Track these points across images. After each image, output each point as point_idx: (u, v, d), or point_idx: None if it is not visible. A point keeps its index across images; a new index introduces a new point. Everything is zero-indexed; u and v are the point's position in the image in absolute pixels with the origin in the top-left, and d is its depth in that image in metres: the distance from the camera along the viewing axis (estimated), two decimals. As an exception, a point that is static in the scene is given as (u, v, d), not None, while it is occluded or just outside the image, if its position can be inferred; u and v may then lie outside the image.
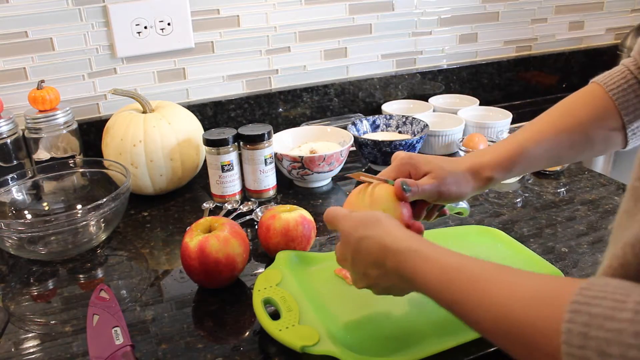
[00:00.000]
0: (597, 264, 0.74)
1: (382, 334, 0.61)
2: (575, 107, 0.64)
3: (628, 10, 1.53)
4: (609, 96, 0.62)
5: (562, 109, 0.65)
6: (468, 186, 0.63)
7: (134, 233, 0.89)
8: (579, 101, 0.64)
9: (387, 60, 1.33)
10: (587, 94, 0.64)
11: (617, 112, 0.61)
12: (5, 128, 0.95)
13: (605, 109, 0.62)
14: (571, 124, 0.63)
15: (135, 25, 1.07)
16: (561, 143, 0.63)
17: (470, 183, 0.63)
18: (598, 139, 0.63)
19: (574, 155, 0.65)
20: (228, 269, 0.70)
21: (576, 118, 0.63)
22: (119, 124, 0.94)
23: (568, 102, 0.65)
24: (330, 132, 1.08)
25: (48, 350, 0.63)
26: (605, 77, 0.63)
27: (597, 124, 0.62)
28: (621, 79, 0.62)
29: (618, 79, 0.62)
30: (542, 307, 0.37)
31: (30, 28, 1.02)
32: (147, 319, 0.68)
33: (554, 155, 0.64)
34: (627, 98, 0.61)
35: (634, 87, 0.61)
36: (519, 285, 0.41)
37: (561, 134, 0.63)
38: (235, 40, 1.17)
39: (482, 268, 0.45)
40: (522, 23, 1.43)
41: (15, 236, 0.76)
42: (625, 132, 0.62)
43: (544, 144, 0.63)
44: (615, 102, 0.61)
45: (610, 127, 0.62)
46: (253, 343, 0.63)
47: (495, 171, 0.63)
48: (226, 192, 0.94)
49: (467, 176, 0.63)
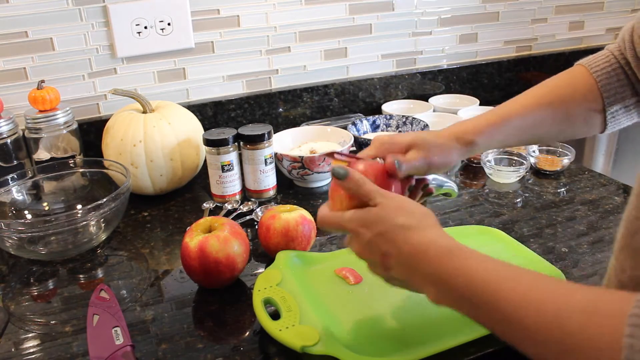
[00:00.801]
0: (597, 264, 0.75)
1: (382, 334, 0.61)
2: (559, 85, 0.66)
3: (628, 10, 1.53)
4: (592, 77, 0.64)
5: (546, 86, 0.67)
6: (453, 152, 0.64)
7: (134, 233, 0.89)
8: (563, 80, 0.67)
9: (387, 60, 1.33)
10: (571, 74, 0.66)
11: (599, 94, 0.64)
12: (6, 128, 0.95)
13: (588, 90, 0.64)
14: (553, 100, 0.65)
15: (135, 25, 1.07)
16: (543, 118, 0.65)
17: (455, 149, 0.64)
18: (579, 118, 0.65)
19: (555, 133, 0.67)
20: (228, 269, 0.70)
21: (559, 96, 0.65)
22: (119, 124, 0.94)
23: (552, 80, 0.67)
24: (330, 132, 1.08)
25: (48, 350, 0.63)
26: (590, 59, 0.66)
27: (579, 103, 0.64)
28: (605, 62, 0.64)
29: (602, 62, 0.65)
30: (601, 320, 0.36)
31: (30, 28, 1.02)
32: (147, 319, 0.68)
33: (536, 130, 0.66)
34: (609, 81, 0.64)
35: (617, 71, 0.64)
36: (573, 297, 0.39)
37: (543, 109, 0.65)
38: (235, 40, 1.17)
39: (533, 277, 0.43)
40: (522, 23, 1.43)
41: (15, 236, 0.76)
42: (605, 115, 0.65)
43: (525, 117, 0.65)
44: (598, 83, 0.64)
45: (591, 107, 0.65)
46: (253, 343, 0.63)
47: (477, 135, 0.64)
48: (226, 192, 0.94)
49: (451, 142, 0.64)
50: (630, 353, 0.33)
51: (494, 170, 1.00)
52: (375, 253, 0.53)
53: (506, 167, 1.02)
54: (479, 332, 0.59)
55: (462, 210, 0.90)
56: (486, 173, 1.02)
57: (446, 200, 0.94)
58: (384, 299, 0.66)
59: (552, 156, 1.04)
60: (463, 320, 0.61)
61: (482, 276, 0.45)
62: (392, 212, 0.52)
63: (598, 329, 0.36)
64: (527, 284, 0.42)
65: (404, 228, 0.51)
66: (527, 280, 0.43)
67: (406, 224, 0.51)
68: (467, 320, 0.61)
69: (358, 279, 0.70)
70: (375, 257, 0.53)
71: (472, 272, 0.45)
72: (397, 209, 0.52)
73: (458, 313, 0.62)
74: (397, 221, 0.51)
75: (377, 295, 0.67)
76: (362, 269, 0.71)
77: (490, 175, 1.02)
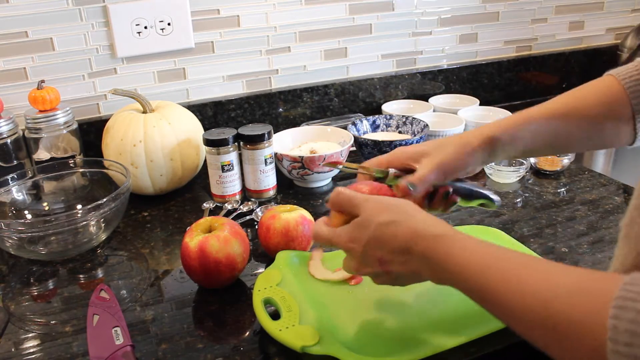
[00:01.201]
0: (597, 264, 0.75)
1: (382, 334, 0.61)
2: (587, 94, 0.64)
3: (628, 10, 1.53)
4: (621, 86, 0.62)
5: (574, 94, 0.65)
6: (470, 152, 0.61)
7: (134, 233, 0.89)
8: (591, 89, 0.64)
9: (387, 60, 1.33)
10: (600, 83, 0.64)
11: (628, 102, 0.62)
12: (6, 128, 0.95)
13: (617, 98, 0.62)
14: (581, 109, 0.63)
15: (135, 25, 1.07)
16: (569, 123, 0.63)
17: (472, 147, 0.61)
18: (607, 127, 0.63)
19: (583, 142, 0.65)
20: (228, 269, 0.70)
21: (587, 104, 0.63)
22: (119, 124, 0.94)
23: (580, 89, 0.65)
24: (330, 132, 1.08)
25: (48, 350, 0.63)
26: (620, 69, 0.64)
27: (607, 112, 0.62)
28: (635, 71, 0.62)
29: (632, 71, 0.63)
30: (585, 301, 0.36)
31: (30, 28, 1.02)
32: (147, 319, 0.68)
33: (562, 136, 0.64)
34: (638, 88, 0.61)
35: None
36: (560, 278, 0.40)
37: (570, 115, 0.63)
38: (235, 40, 1.17)
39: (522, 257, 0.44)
40: (522, 23, 1.43)
41: (15, 236, 0.76)
42: (635, 124, 0.63)
43: (550, 120, 0.63)
44: (627, 90, 0.62)
45: (619, 116, 0.62)
46: (253, 343, 0.63)
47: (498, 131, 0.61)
48: (226, 192, 0.94)
49: (467, 140, 0.61)
50: (614, 334, 0.34)
51: (494, 170, 1.00)
52: (371, 263, 0.54)
53: (506, 167, 1.02)
54: (479, 332, 0.59)
55: (462, 210, 0.90)
56: (486, 173, 1.02)
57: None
58: (384, 299, 0.66)
59: (552, 156, 1.04)
60: (463, 321, 0.61)
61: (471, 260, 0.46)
62: (373, 213, 0.53)
63: (583, 310, 0.36)
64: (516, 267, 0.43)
65: (387, 225, 0.51)
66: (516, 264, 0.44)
67: (389, 220, 0.52)
68: (467, 321, 0.61)
69: (358, 279, 0.70)
70: (374, 267, 0.54)
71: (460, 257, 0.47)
72: (376, 209, 0.53)
73: (458, 313, 0.63)
74: (379, 220, 0.52)
75: (377, 295, 0.67)
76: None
77: (490, 175, 1.02)
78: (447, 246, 0.48)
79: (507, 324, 0.43)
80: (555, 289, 0.39)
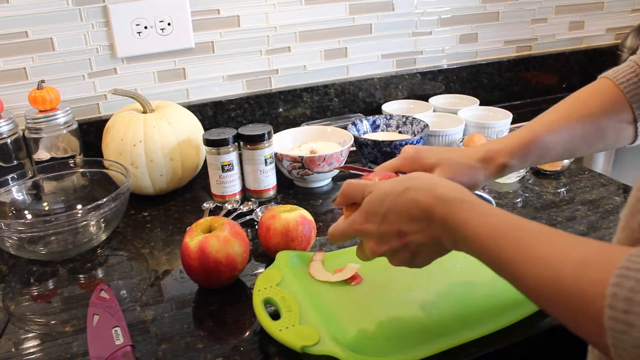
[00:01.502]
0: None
1: (382, 334, 0.61)
2: (587, 99, 0.65)
3: (628, 10, 1.53)
4: (619, 89, 0.63)
5: (574, 101, 0.65)
6: (480, 174, 0.63)
7: (134, 233, 0.89)
8: (590, 94, 0.65)
9: (387, 60, 1.33)
10: (597, 87, 0.65)
11: (629, 105, 0.63)
12: (6, 128, 0.95)
13: (617, 102, 0.63)
14: (584, 115, 0.64)
15: (135, 25, 1.07)
16: (574, 133, 0.64)
17: (483, 171, 0.63)
18: (610, 131, 0.64)
19: (587, 147, 0.66)
20: (228, 269, 0.70)
21: (588, 110, 0.64)
22: (119, 124, 0.94)
23: (579, 95, 0.66)
24: (330, 132, 1.08)
25: (48, 350, 0.63)
26: (615, 71, 0.65)
27: (609, 116, 0.63)
28: (631, 73, 0.63)
29: (628, 72, 0.63)
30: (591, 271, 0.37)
31: (30, 28, 1.02)
32: (147, 319, 0.68)
33: (568, 145, 0.64)
34: (637, 92, 0.62)
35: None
36: (570, 248, 0.41)
37: (574, 125, 0.63)
38: (235, 40, 1.17)
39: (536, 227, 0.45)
40: (522, 23, 1.43)
41: (15, 236, 0.76)
42: (636, 125, 0.64)
43: (558, 134, 0.63)
44: (627, 95, 0.63)
45: (621, 119, 0.63)
46: (253, 343, 0.63)
47: (510, 158, 0.63)
48: (226, 192, 0.94)
49: (479, 165, 0.63)
50: (613, 300, 0.34)
51: (494, 170, 1.00)
52: (389, 239, 0.53)
53: (506, 167, 1.02)
54: (480, 332, 0.59)
55: (462, 210, 0.90)
56: (486, 173, 1.02)
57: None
58: (384, 299, 0.66)
59: (552, 156, 1.03)
60: (463, 321, 0.61)
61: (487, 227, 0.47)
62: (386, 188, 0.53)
63: (588, 279, 0.37)
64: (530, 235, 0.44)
65: (406, 192, 0.52)
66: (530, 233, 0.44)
67: (405, 188, 0.52)
68: (467, 321, 0.61)
69: (358, 279, 0.70)
70: (393, 242, 0.53)
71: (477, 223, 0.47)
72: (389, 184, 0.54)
73: (458, 313, 0.63)
74: (395, 190, 0.52)
75: (377, 295, 0.67)
76: (362, 269, 0.71)
77: (490, 175, 1.02)
78: (465, 210, 0.49)
79: (519, 289, 0.44)
80: (565, 259, 0.40)
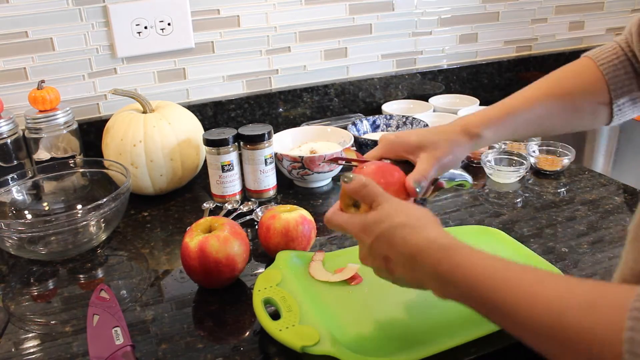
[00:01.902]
0: (597, 264, 0.75)
1: (382, 334, 0.61)
2: (565, 77, 0.66)
3: (628, 10, 1.53)
4: (599, 70, 0.64)
5: (553, 79, 0.66)
6: (460, 148, 0.63)
7: (134, 233, 0.89)
8: (569, 73, 0.66)
9: (387, 60, 1.33)
10: (578, 67, 0.66)
11: (606, 86, 0.63)
12: (6, 128, 0.95)
13: (595, 82, 0.64)
14: (560, 93, 0.64)
15: (135, 25, 1.07)
16: (550, 111, 0.64)
17: (461, 143, 0.63)
18: (586, 111, 0.65)
19: (562, 126, 0.66)
20: (228, 269, 0.70)
21: (566, 88, 0.65)
22: (119, 124, 0.94)
23: (559, 73, 0.67)
24: (330, 132, 1.08)
25: (48, 350, 0.63)
26: (597, 52, 0.65)
27: (586, 96, 0.64)
28: (612, 54, 0.64)
29: (609, 54, 0.64)
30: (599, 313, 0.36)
31: (30, 28, 1.02)
32: (147, 319, 0.68)
33: (543, 122, 0.65)
34: (616, 74, 0.63)
35: (624, 63, 0.63)
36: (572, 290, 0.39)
37: (550, 102, 0.64)
38: (235, 40, 1.17)
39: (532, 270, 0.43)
40: (522, 23, 1.43)
41: (15, 236, 0.76)
42: (612, 108, 0.64)
43: (533, 110, 0.64)
44: (605, 76, 0.63)
45: (598, 100, 0.64)
46: (253, 343, 0.63)
47: (483, 128, 0.63)
48: (226, 192, 0.94)
49: (457, 136, 0.63)
50: (631, 346, 0.33)
51: (494, 170, 1.00)
52: (377, 258, 0.54)
53: (506, 167, 1.02)
54: (479, 332, 0.59)
55: (462, 210, 0.90)
56: (486, 173, 1.02)
57: (446, 200, 0.94)
58: (384, 299, 0.66)
59: (552, 156, 1.04)
60: (463, 321, 0.61)
61: (481, 273, 0.45)
62: (390, 213, 0.53)
63: (597, 322, 0.36)
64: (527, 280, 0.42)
65: (401, 227, 0.51)
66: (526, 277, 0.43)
67: (403, 223, 0.51)
68: (467, 321, 0.61)
69: (358, 280, 0.70)
70: (379, 262, 0.54)
71: (470, 270, 0.45)
72: (395, 210, 0.53)
73: (458, 313, 0.63)
74: (394, 221, 0.52)
75: (377, 295, 0.67)
76: (362, 269, 0.71)
77: (490, 175, 1.02)
78: (456, 257, 0.47)
79: (518, 336, 0.42)
80: (567, 301, 0.38)
